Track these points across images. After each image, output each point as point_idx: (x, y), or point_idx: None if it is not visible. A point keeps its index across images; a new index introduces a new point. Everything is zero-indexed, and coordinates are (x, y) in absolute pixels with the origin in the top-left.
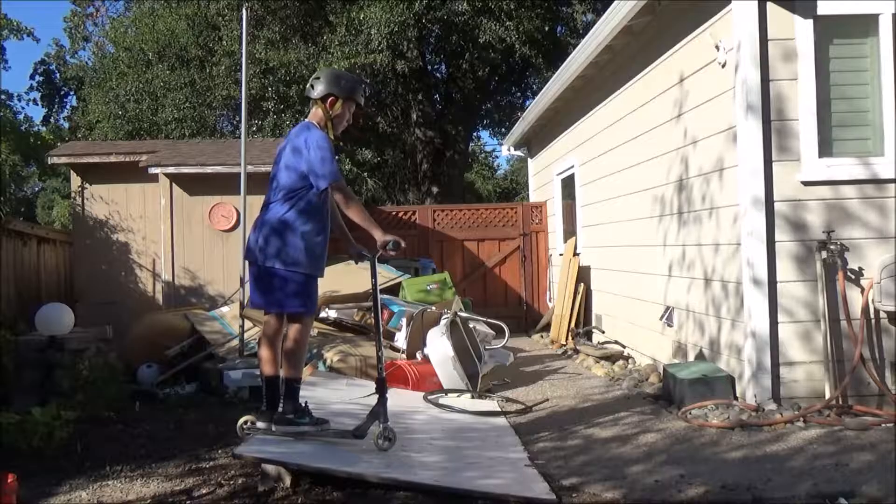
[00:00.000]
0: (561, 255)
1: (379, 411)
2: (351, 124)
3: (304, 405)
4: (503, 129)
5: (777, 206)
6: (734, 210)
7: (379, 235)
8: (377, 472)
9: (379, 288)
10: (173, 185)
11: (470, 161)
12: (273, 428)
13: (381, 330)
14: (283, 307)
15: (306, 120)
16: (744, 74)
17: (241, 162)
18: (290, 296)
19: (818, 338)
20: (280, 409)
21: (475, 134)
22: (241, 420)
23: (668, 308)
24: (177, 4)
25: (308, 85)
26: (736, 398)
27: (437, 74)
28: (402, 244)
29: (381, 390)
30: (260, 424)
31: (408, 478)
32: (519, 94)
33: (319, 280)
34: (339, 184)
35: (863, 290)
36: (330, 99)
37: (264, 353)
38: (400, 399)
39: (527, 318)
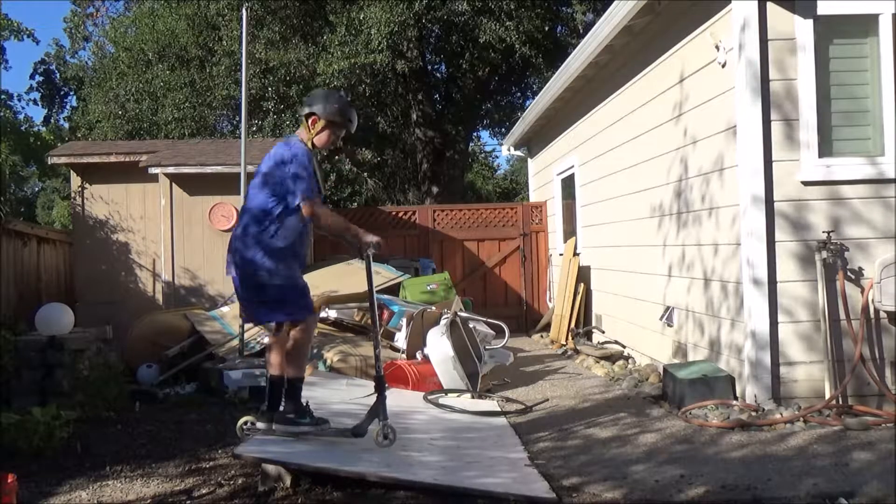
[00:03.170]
0: (561, 255)
1: (378, 409)
2: (338, 147)
3: (304, 405)
4: (503, 129)
5: (777, 205)
6: (734, 210)
7: (365, 238)
8: (377, 471)
9: (379, 288)
10: (173, 185)
11: (470, 161)
12: (274, 427)
13: (380, 329)
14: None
15: (293, 136)
16: (744, 74)
17: (241, 162)
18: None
19: (818, 338)
20: (281, 409)
21: (475, 134)
22: (241, 420)
23: (668, 308)
24: (177, 4)
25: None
26: (736, 398)
27: (437, 74)
28: (381, 244)
29: (380, 388)
30: (260, 425)
31: (408, 477)
32: (519, 94)
33: (320, 280)
34: (311, 201)
35: (863, 289)
36: (312, 118)
37: (271, 357)
38: (400, 399)
39: (527, 318)
